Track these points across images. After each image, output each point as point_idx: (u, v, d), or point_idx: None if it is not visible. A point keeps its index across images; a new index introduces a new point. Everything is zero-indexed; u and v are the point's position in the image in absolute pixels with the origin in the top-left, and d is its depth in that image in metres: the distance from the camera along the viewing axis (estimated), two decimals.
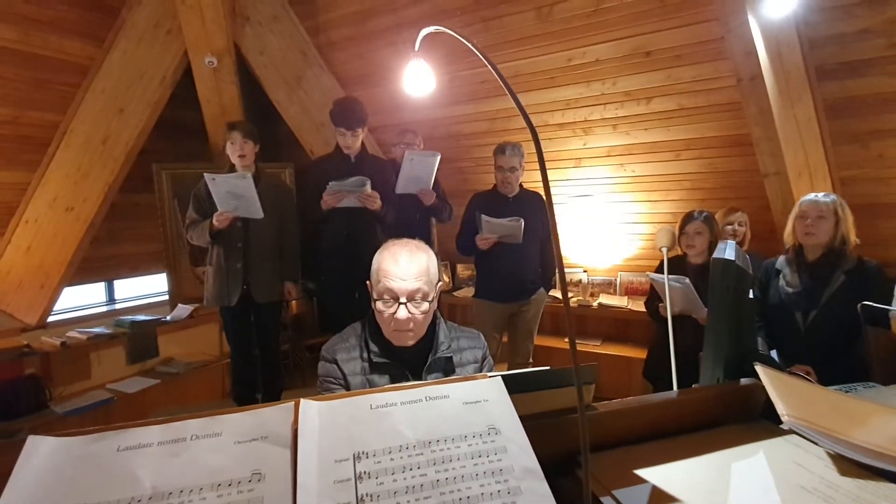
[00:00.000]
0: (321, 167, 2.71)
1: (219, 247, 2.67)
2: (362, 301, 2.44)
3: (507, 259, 2.58)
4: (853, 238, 1.93)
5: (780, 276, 2.07)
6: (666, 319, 2.18)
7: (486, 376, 0.49)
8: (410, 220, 2.92)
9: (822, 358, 1.87)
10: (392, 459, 0.41)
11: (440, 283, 1.23)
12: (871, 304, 0.92)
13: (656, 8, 2.82)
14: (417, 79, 1.31)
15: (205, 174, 2.46)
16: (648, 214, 3.61)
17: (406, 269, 1.12)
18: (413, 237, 1.24)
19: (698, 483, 0.52)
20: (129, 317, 3.82)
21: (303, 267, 3.03)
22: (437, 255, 3.41)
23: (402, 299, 1.11)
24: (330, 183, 2.47)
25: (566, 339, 3.67)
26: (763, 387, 0.64)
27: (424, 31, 0.68)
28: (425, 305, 1.14)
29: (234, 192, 2.44)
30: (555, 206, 3.91)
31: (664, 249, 1.59)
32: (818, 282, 1.95)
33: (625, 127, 3.35)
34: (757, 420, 0.65)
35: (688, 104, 3.08)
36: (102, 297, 4.23)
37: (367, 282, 1.23)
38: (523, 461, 0.42)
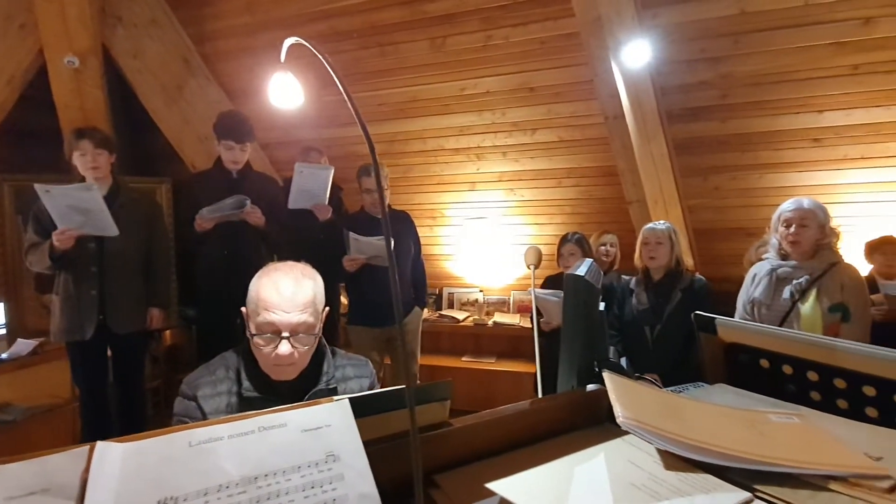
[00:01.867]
0: (200, 183, 2.50)
1: (67, 272, 2.30)
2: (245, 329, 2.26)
3: (378, 281, 2.54)
4: (687, 260, 2.25)
5: (633, 294, 2.33)
6: (549, 333, 2.33)
7: (331, 400, 0.47)
8: (312, 239, 2.81)
9: (667, 366, 2.12)
10: (207, 502, 0.36)
11: (325, 310, 1.15)
12: (701, 312, 1.05)
13: (538, 49, 3.10)
14: (283, 91, 1.26)
15: (36, 185, 2.04)
16: (536, 236, 3.86)
17: (291, 301, 1.01)
18: (318, 256, 1.14)
19: (544, 489, 0.54)
20: None
21: (180, 292, 2.74)
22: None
23: (286, 334, 1.01)
24: (202, 210, 2.27)
25: (463, 359, 3.75)
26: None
27: (288, 42, 0.67)
28: (311, 339, 1.05)
29: (77, 206, 2.10)
30: (451, 228, 4.03)
31: (531, 267, 1.71)
32: (661, 299, 2.22)
33: (514, 154, 3.58)
34: (603, 424, 0.70)
35: (567, 137, 3.39)
36: None
37: (243, 308, 1.10)
38: (360, 487, 0.41)
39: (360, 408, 0.49)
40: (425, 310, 3.71)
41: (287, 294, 1.02)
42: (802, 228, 1.88)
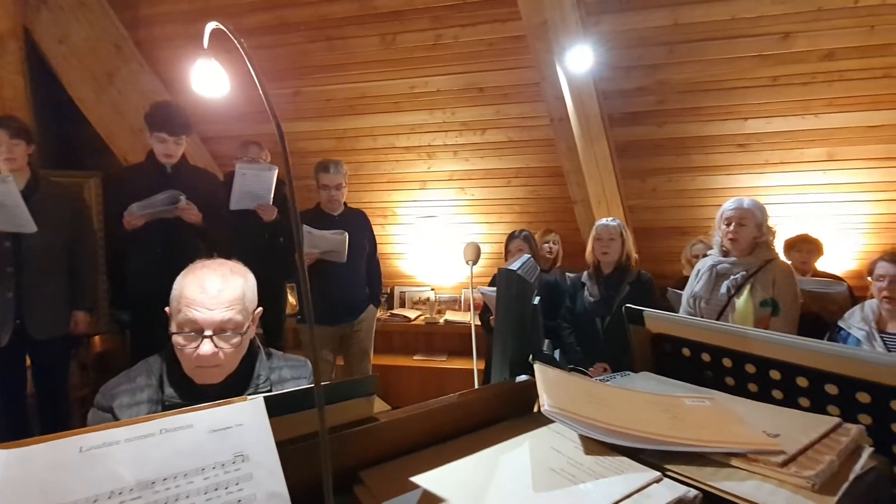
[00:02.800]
0: (130, 177, 2.35)
1: None
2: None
3: (333, 279, 2.52)
4: (634, 255, 2.36)
5: (585, 288, 2.42)
6: None
7: (245, 399, 0.45)
8: (258, 239, 2.72)
9: (617, 354, 2.22)
10: None
11: (258, 310, 1.10)
12: (630, 305, 1.10)
13: (487, 50, 3.14)
14: (206, 79, 1.21)
15: None
16: (487, 235, 3.92)
17: (216, 298, 0.97)
18: (265, 257, 1.08)
19: (467, 480, 0.55)
20: None
21: (112, 294, 2.56)
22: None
23: (208, 332, 0.96)
24: (132, 205, 2.14)
25: (414, 358, 3.74)
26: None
27: (209, 27, 0.64)
28: (237, 338, 1.00)
29: None
30: (402, 227, 4.01)
31: (470, 263, 1.74)
32: (611, 292, 2.32)
33: (464, 154, 3.61)
34: (531, 413, 0.71)
35: (515, 137, 3.46)
36: None
37: (167, 308, 1.04)
38: (269, 486, 0.39)
39: (278, 406, 0.48)
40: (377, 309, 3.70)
41: (212, 291, 0.97)
42: (741, 227, 2.00)
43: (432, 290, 4.12)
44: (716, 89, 3.01)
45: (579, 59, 2.79)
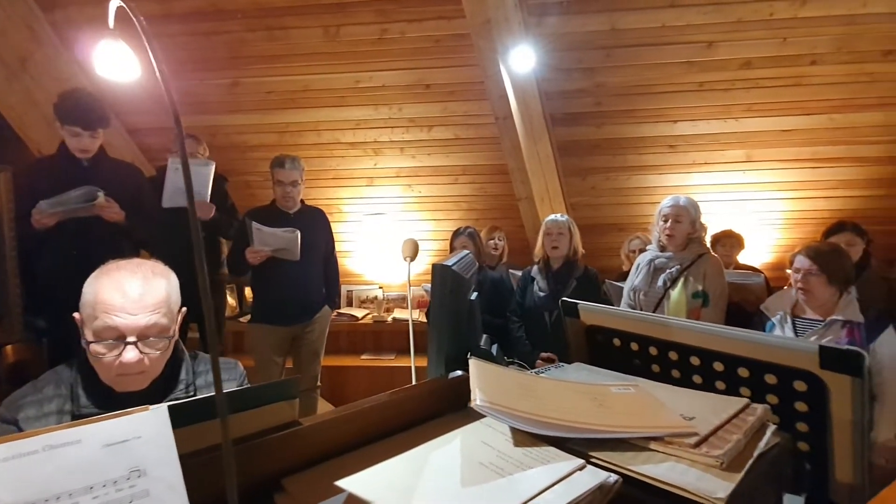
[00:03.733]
0: (41, 172, 2.15)
1: None
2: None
3: (287, 278, 2.43)
4: (581, 250, 2.44)
5: (534, 282, 2.47)
6: None
7: (146, 408, 0.42)
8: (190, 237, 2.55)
9: (563, 348, 2.28)
10: None
11: (182, 311, 1.04)
12: (566, 299, 1.13)
13: (433, 47, 3.13)
14: (111, 61, 1.12)
15: None
16: (434, 231, 3.92)
17: (138, 302, 0.90)
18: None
19: (395, 480, 0.54)
20: None
21: (26, 299, 2.33)
22: (225, 276, 3.03)
23: (132, 338, 0.89)
24: (40, 203, 1.94)
25: (362, 357, 3.68)
26: None
27: (113, 5, 0.58)
28: (164, 343, 0.94)
29: None
30: (349, 224, 3.93)
31: (408, 259, 1.74)
32: (560, 286, 2.39)
33: (411, 151, 3.59)
34: (465, 409, 0.71)
35: (462, 135, 3.48)
36: None
37: (76, 314, 0.95)
38: (169, 502, 0.37)
39: (186, 414, 0.45)
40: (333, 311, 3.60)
41: (133, 295, 0.90)
42: (677, 224, 2.12)
43: (380, 288, 4.07)
44: (648, 93, 3.18)
45: (522, 59, 2.85)
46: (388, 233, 3.90)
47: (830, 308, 1.61)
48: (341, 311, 3.91)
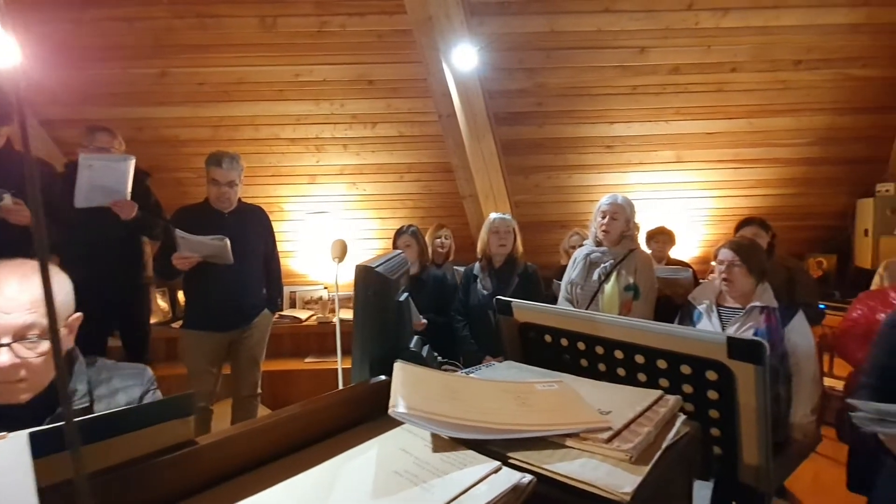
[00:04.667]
0: None
1: None
2: None
3: (221, 282, 2.29)
4: (520, 248, 2.48)
5: (478, 280, 2.48)
6: None
7: (4, 436, 0.37)
8: (113, 238, 2.36)
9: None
10: None
11: (73, 316, 0.95)
12: (501, 297, 1.13)
13: (375, 42, 3.08)
14: None
15: None
16: (380, 230, 3.87)
17: (13, 300, 0.83)
18: (117, 258, 0.90)
19: (304, 496, 0.51)
20: None
21: None
22: (150, 279, 2.81)
23: (6, 339, 0.82)
24: None
25: (306, 360, 3.57)
26: None
27: None
28: (45, 345, 0.87)
29: None
30: (291, 223, 3.80)
31: (336, 260, 1.69)
32: (503, 284, 2.42)
33: (355, 148, 3.52)
34: (388, 415, 0.69)
35: (406, 132, 3.45)
36: None
37: None
38: None
39: (48, 442, 0.39)
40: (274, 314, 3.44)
41: (9, 293, 0.83)
42: (613, 220, 2.20)
43: (325, 288, 3.96)
44: (587, 94, 3.29)
45: (464, 58, 2.86)
46: (332, 232, 3.80)
47: (749, 296, 1.73)
48: (284, 313, 3.77)
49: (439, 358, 1.14)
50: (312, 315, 3.77)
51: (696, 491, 0.74)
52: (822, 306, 3.13)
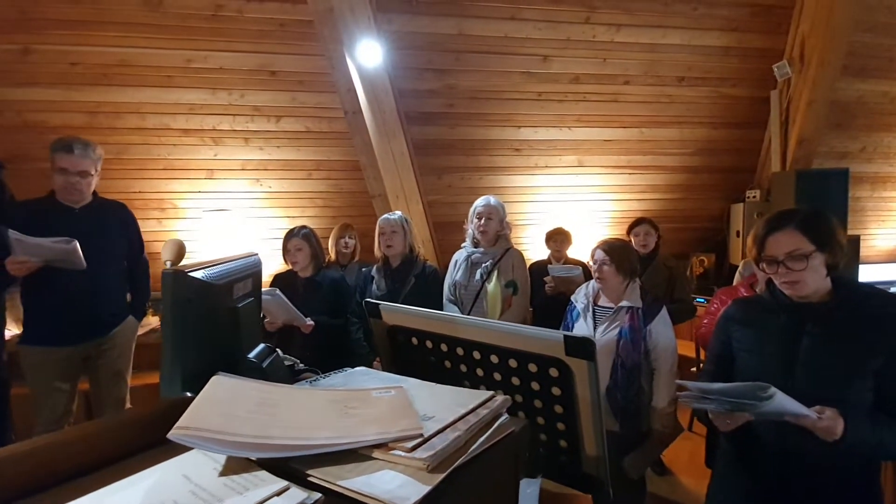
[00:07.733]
0: None
1: None
2: None
3: (69, 289, 2.01)
4: (419, 247, 2.45)
5: (374, 281, 2.43)
6: (274, 334, 2.23)
7: None
8: None
9: None
10: None
11: None
12: (370, 300, 1.11)
13: (277, 31, 2.92)
14: None
15: None
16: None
17: None
18: None
19: None
20: None
21: None
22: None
23: None
24: None
25: None
26: None
27: None
28: None
29: None
30: (186, 221, 3.51)
31: (168, 263, 1.54)
32: (398, 284, 2.38)
33: (257, 142, 3.32)
34: None
35: (314, 128, 3.31)
36: None
37: None
38: None
39: None
40: (150, 318, 3.12)
41: None
42: (489, 221, 2.25)
43: None
44: (496, 98, 3.36)
45: (369, 54, 2.80)
46: (235, 231, 3.57)
47: (620, 295, 1.84)
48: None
49: (300, 365, 1.08)
50: None
51: (523, 489, 0.75)
52: (701, 300, 3.45)
